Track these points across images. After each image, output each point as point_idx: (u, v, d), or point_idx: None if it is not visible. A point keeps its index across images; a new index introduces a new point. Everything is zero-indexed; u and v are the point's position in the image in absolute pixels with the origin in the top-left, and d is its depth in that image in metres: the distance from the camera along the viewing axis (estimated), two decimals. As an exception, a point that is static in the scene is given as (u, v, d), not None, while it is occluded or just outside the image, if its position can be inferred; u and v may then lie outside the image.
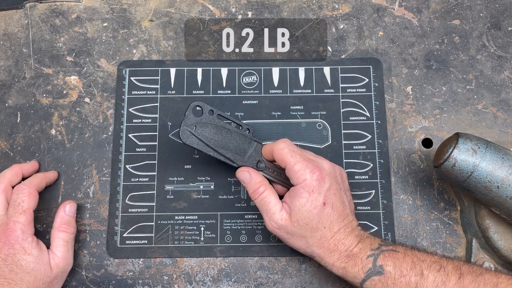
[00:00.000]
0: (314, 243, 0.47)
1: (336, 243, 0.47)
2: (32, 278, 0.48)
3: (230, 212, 0.56)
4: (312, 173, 0.47)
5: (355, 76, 0.60)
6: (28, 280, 0.48)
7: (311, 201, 0.46)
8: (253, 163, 0.52)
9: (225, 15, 0.63)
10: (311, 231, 0.47)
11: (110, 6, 0.63)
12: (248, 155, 0.52)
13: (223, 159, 0.51)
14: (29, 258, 0.48)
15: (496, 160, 0.46)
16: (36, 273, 0.48)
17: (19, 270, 0.48)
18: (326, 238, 0.47)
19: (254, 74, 0.60)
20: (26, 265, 0.48)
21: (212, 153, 0.51)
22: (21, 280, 0.47)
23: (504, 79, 0.60)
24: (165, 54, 0.61)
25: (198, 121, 0.51)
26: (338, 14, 0.63)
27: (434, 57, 0.61)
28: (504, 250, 0.51)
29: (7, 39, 0.62)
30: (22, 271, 0.48)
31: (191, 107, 0.51)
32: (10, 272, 0.47)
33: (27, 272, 0.48)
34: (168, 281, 0.54)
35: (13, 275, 0.47)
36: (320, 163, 0.49)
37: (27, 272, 0.48)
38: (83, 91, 0.60)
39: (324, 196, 0.47)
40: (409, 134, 0.58)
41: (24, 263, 0.48)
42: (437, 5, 0.63)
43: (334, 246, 0.47)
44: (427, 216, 0.56)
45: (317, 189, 0.47)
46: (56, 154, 0.58)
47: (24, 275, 0.48)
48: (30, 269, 0.48)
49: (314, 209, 0.46)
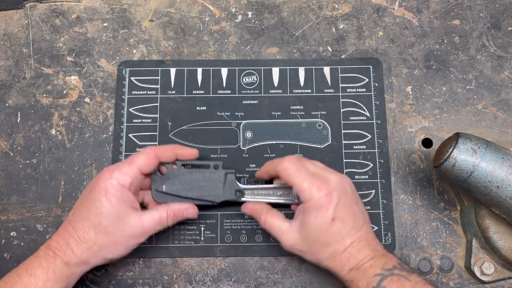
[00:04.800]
0: (326, 258, 0.46)
1: (348, 257, 0.46)
2: (98, 223, 0.47)
3: (230, 212, 0.56)
4: (319, 190, 0.46)
5: (355, 76, 0.60)
6: (92, 222, 0.47)
7: (319, 218, 0.46)
8: (232, 194, 0.52)
9: (225, 15, 0.63)
10: (321, 247, 0.46)
11: (110, 6, 0.63)
12: (225, 188, 0.52)
13: (201, 203, 0.52)
14: (105, 202, 0.47)
15: (496, 160, 0.46)
16: (102, 220, 0.47)
17: (90, 209, 0.47)
18: (338, 253, 0.46)
19: (254, 74, 0.60)
20: (99, 206, 0.47)
21: (190, 201, 0.52)
22: (86, 218, 0.47)
23: (504, 79, 0.60)
24: (165, 54, 0.61)
25: (165, 178, 0.52)
26: (338, 14, 0.63)
27: (434, 57, 0.61)
28: (504, 250, 0.51)
29: (7, 39, 0.62)
30: (84, 211, 0.47)
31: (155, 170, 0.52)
32: (82, 208, 0.47)
33: (95, 215, 0.47)
34: (168, 281, 0.54)
35: (83, 212, 0.47)
36: (327, 177, 0.48)
37: (95, 215, 0.47)
38: (83, 91, 0.60)
39: (333, 211, 0.46)
40: (409, 134, 0.58)
41: (97, 204, 0.47)
42: (437, 5, 0.63)
43: (346, 260, 0.46)
44: (427, 216, 0.56)
45: (325, 205, 0.46)
46: (56, 154, 0.58)
47: (87, 215, 0.47)
48: (98, 213, 0.47)
49: (322, 226, 0.46)
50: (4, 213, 0.56)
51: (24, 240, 0.55)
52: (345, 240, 0.46)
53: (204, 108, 0.59)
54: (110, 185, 0.47)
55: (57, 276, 0.46)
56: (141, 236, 0.49)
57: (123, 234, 0.48)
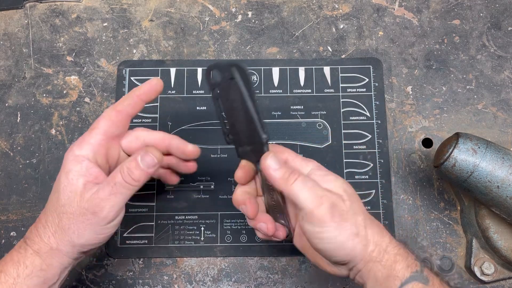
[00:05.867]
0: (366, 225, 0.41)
1: None
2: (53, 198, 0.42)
3: (230, 212, 0.56)
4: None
5: (355, 76, 0.60)
6: (54, 204, 0.42)
7: None
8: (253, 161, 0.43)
9: (225, 15, 0.63)
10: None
11: (110, 6, 0.63)
12: (250, 149, 0.43)
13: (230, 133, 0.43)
14: (63, 179, 0.42)
15: (496, 160, 0.46)
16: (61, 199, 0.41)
17: (54, 190, 0.43)
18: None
19: (254, 74, 0.60)
20: (58, 185, 0.42)
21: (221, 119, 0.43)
22: (50, 200, 0.42)
23: (504, 79, 0.60)
24: (165, 54, 0.61)
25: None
26: (338, 14, 0.63)
27: (434, 57, 0.61)
28: (504, 250, 0.51)
29: (7, 39, 0.62)
30: (52, 192, 0.43)
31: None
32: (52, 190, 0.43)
33: (56, 194, 0.42)
34: (168, 281, 0.54)
35: (51, 194, 0.43)
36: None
37: (56, 194, 0.42)
38: (83, 91, 0.60)
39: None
40: (409, 134, 0.58)
41: (58, 182, 0.42)
42: (437, 5, 0.63)
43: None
44: (427, 216, 0.56)
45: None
46: (56, 154, 0.58)
47: (52, 196, 0.43)
48: (58, 192, 0.42)
49: None
50: (4, 213, 0.56)
51: (24, 240, 0.55)
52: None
53: (204, 108, 0.59)
54: (68, 159, 0.42)
55: (28, 271, 0.41)
56: (102, 212, 0.41)
57: (82, 212, 0.41)
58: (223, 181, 0.57)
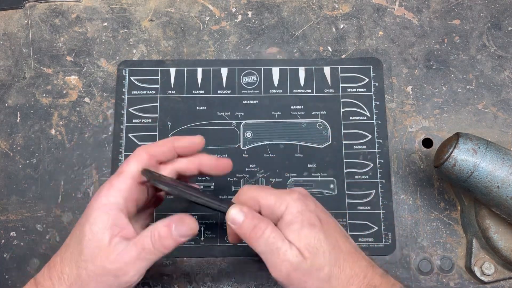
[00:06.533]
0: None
1: None
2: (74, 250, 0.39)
3: (230, 212, 0.56)
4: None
5: (355, 76, 0.60)
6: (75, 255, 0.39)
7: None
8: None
9: (225, 15, 0.63)
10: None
11: (110, 6, 0.63)
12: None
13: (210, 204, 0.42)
14: (87, 230, 0.38)
15: (496, 160, 0.46)
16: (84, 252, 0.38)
17: (72, 237, 0.40)
18: None
19: (254, 74, 0.60)
20: (81, 236, 0.39)
21: (194, 198, 0.41)
22: (71, 249, 0.39)
23: (504, 79, 0.60)
24: (165, 54, 0.61)
25: None
26: (338, 14, 0.63)
27: (434, 57, 0.61)
28: (505, 250, 0.51)
29: (7, 39, 0.62)
30: (72, 239, 0.40)
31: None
32: (73, 235, 0.40)
33: (78, 245, 0.39)
34: (168, 281, 0.54)
35: (71, 240, 0.40)
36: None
37: (78, 245, 0.39)
38: (83, 91, 0.60)
39: None
40: (409, 134, 0.58)
41: (81, 232, 0.39)
42: (437, 5, 0.63)
43: None
44: (427, 216, 0.56)
45: None
46: (56, 154, 0.58)
47: (73, 245, 0.39)
48: (80, 243, 0.39)
49: None
50: (3, 213, 0.56)
51: (23, 240, 0.55)
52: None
53: (204, 108, 0.59)
54: (93, 207, 0.39)
55: None
56: (125, 277, 0.39)
57: (104, 273, 0.38)
58: (223, 181, 0.57)
